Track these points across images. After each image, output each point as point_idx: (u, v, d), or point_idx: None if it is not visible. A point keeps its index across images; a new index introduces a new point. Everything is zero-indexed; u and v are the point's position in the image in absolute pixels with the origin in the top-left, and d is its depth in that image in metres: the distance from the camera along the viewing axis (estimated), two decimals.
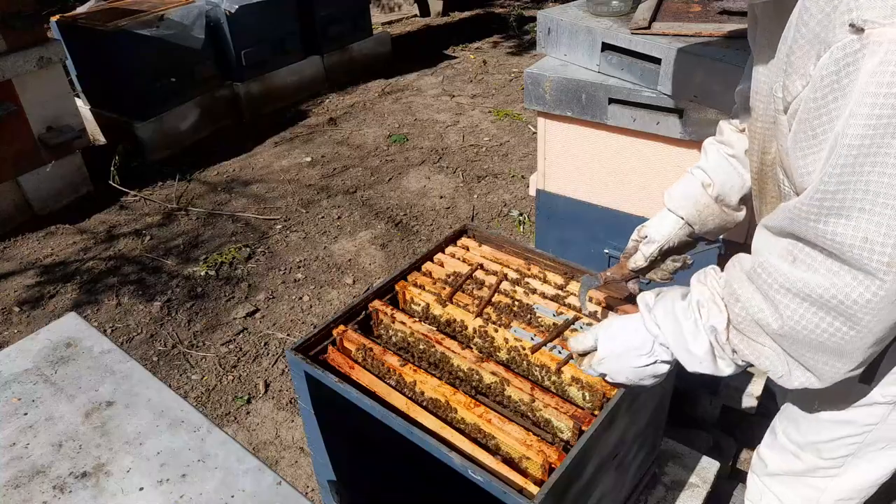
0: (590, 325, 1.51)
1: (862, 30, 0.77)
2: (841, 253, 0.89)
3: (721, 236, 1.75)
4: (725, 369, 1.13)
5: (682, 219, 1.46)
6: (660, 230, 1.47)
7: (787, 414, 1.43)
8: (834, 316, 0.93)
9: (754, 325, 1.04)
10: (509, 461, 1.26)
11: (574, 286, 1.66)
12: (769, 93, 1.10)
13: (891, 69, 0.75)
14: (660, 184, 2.05)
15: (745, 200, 1.47)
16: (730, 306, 1.08)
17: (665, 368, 1.21)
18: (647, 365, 1.20)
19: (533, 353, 1.45)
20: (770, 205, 1.25)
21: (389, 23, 7.61)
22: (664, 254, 1.49)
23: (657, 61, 1.85)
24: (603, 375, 1.29)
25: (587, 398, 1.38)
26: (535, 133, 4.17)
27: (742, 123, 1.42)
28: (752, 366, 1.12)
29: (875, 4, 0.76)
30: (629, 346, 1.21)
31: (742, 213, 1.49)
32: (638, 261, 1.48)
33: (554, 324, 1.54)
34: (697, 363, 1.14)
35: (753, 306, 1.02)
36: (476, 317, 1.56)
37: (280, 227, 3.92)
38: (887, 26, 0.75)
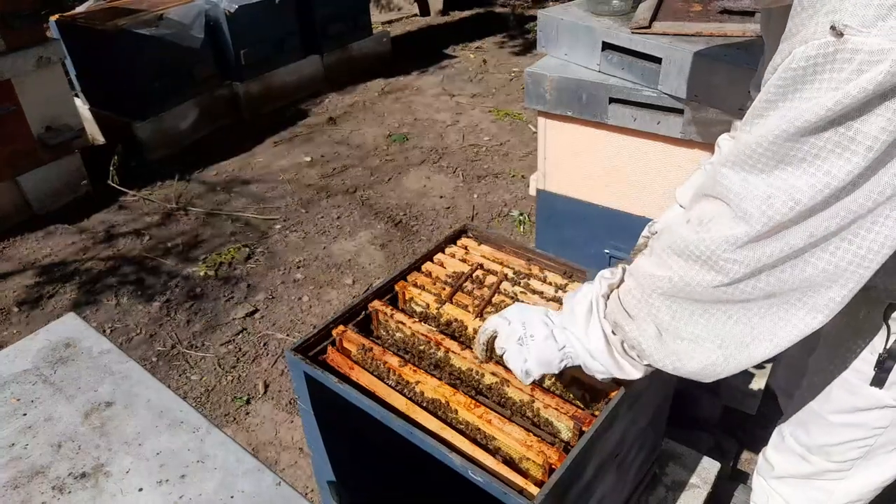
0: None
1: (841, 34, 0.79)
2: (734, 204, 0.91)
3: None
4: (594, 339, 1.14)
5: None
6: None
7: (796, 417, 1.43)
8: (707, 268, 0.95)
9: (637, 292, 1.06)
10: (509, 462, 1.26)
11: (575, 286, 1.65)
12: None
13: (869, 76, 0.77)
14: (660, 183, 2.05)
15: None
16: (626, 276, 1.11)
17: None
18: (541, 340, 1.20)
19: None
20: None
21: (389, 22, 7.61)
22: None
23: (658, 61, 1.85)
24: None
25: (588, 398, 1.38)
26: (535, 133, 4.17)
27: None
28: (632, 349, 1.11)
29: (857, 12, 0.77)
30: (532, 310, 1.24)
31: None
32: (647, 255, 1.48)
33: None
34: (571, 320, 1.16)
35: (646, 273, 1.05)
36: (476, 317, 1.56)
37: (279, 226, 3.91)
38: (866, 35, 0.76)
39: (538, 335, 1.19)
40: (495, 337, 1.28)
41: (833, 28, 0.79)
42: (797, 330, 0.96)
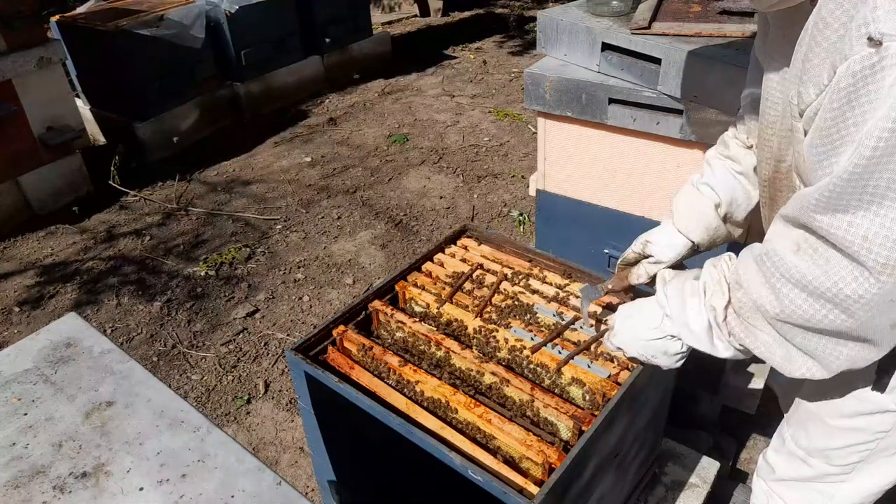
0: (591, 325, 1.51)
1: (880, 43, 0.79)
2: (843, 246, 0.91)
3: None
4: (723, 351, 1.17)
5: (693, 242, 1.45)
6: (668, 253, 1.45)
7: (796, 419, 1.43)
8: (830, 308, 0.96)
9: (754, 310, 1.07)
10: (509, 461, 1.26)
11: (575, 286, 1.66)
12: (784, 101, 1.10)
13: None
14: (660, 184, 2.05)
15: (749, 217, 1.45)
16: (733, 290, 1.12)
17: (676, 346, 1.24)
18: (657, 339, 1.24)
19: (533, 353, 1.45)
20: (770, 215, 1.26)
21: (389, 23, 7.61)
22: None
23: (657, 61, 1.85)
24: (620, 350, 1.33)
25: (587, 398, 1.38)
26: (535, 133, 4.17)
27: (750, 139, 1.40)
28: (753, 356, 1.14)
29: (892, 17, 0.77)
30: (641, 320, 1.27)
31: (742, 230, 1.48)
32: (641, 277, 1.47)
33: (554, 324, 1.54)
34: (695, 340, 1.19)
35: (755, 291, 1.05)
36: (476, 317, 1.56)
37: (280, 227, 3.92)
38: None
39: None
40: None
41: (871, 39, 0.79)
42: None
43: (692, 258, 1.49)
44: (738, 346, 1.14)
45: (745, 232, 1.49)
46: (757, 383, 2.30)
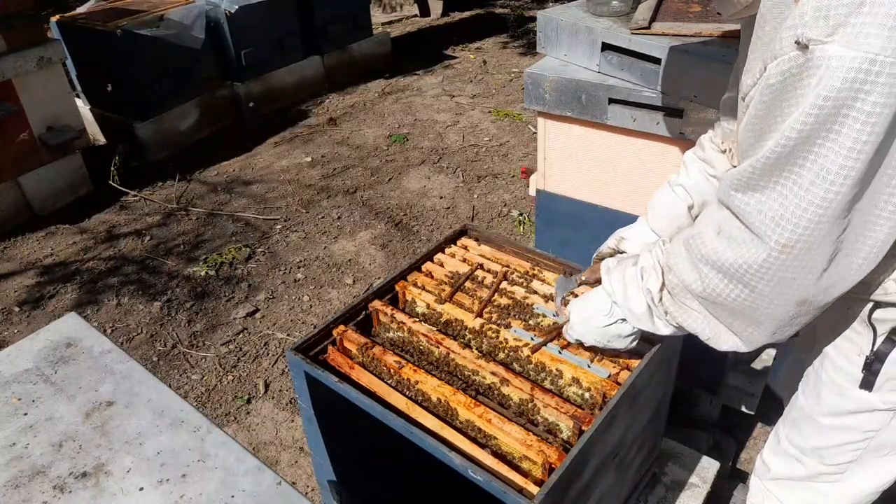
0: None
1: (806, 47, 0.84)
2: (750, 224, 1.00)
3: None
4: (664, 329, 1.25)
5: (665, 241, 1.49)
6: (640, 249, 1.48)
7: (790, 419, 1.43)
8: (735, 284, 1.05)
9: (684, 290, 1.16)
10: (509, 461, 1.26)
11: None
12: None
13: (831, 83, 0.83)
14: (660, 184, 2.05)
15: None
16: (665, 272, 1.20)
17: (627, 328, 1.30)
18: (610, 324, 1.31)
19: (533, 353, 1.45)
20: None
21: (389, 23, 7.61)
22: None
23: (657, 61, 1.85)
24: (579, 342, 1.40)
25: (587, 398, 1.38)
26: (534, 133, 4.17)
27: (725, 143, 1.42)
28: (684, 329, 1.23)
29: (818, 24, 0.83)
30: (593, 310, 1.33)
31: None
32: None
33: (554, 323, 1.54)
34: (639, 321, 1.27)
35: (683, 272, 1.15)
36: (476, 317, 1.56)
37: (280, 227, 3.92)
38: (829, 45, 0.82)
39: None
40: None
41: (797, 42, 0.85)
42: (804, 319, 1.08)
43: None
44: (674, 324, 1.22)
45: None
46: (757, 384, 2.30)
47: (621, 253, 1.55)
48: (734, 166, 1.40)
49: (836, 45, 0.81)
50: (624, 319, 1.29)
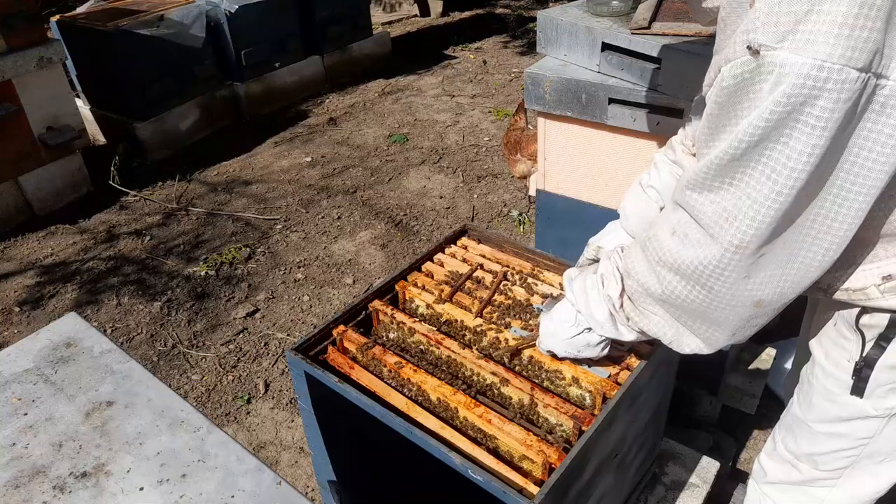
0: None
1: (758, 52, 0.86)
2: (704, 223, 1.00)
3: None
4: (627, 335, 1.25)
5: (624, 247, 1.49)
6: None
7: (786, 424, 1.43)
8: (693, 285, 1.06)
9: (644, 294, 1.16)
10: (509, 461, 1.26)
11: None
12: None
13: (783, 89, 0.84)
14: None
15: None
16: (625, 278, 1.20)
17: (595, 337, 1.30)
18: (577, 335, 1.31)
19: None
20: None
21: (389, 23, 7.61)
22: None
23: (657, 61, 1.85)
24: (551, 353, 1.40)
25: (587, 398, 1.38)
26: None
27: (695, 145, 1.42)
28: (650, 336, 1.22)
29: (768, 30, 0.84)
30: (560, 320, 1.33)
31: None
32: None
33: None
34: (602, 329, 1.26)
35: (641, 276, 1.14)
36: (476, 317, 1.56)
37: (280, 227, 3.92)
38: (779, 51, 0.84)
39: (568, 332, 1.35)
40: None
41: (749, 47, 0.87)
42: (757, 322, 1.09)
43: None
44: (637, 330, 1.22)
45: None
46: (757, 384, 2.30)
47: (595, 261, 1.54)
48: None
49: (785, 52, 0.83)
50: (590, 328, 1.29)
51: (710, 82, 1.00)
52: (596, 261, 1.54)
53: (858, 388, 1.20)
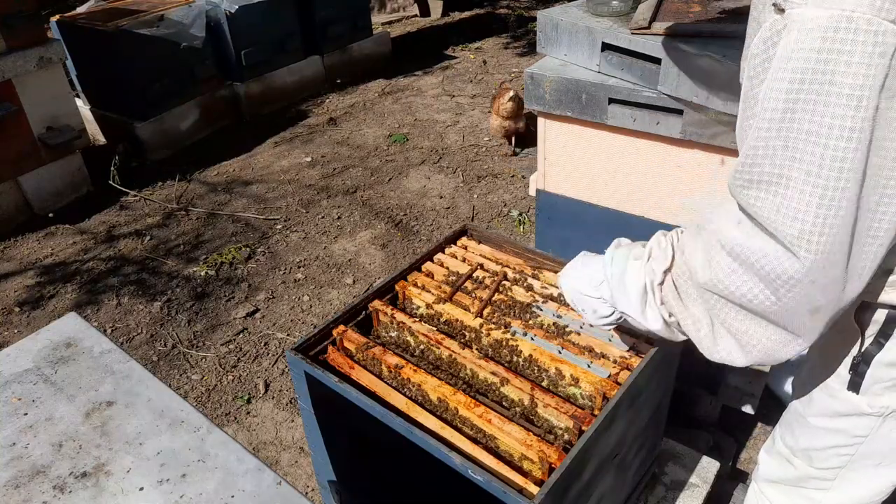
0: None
1: (783, 10, 0.83)
2: (762, 221, 0.91)
3: None
4: (652, 321, 1.15)
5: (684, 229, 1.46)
6: None
7: (786, 419, 1.43)
8: (756, 282, 0.95)
9: (689, 278, 1.06)
10: (509, 461, 1.26)
11: None
12: None
13: (802, 45, 0.80)
14: (660, 184, 2.05)
15: None
16: (676, 255, 1.11)
17: (606, 310, 1.25)
18: (591, 297, 1.26)
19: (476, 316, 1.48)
20: None
21: (389, 23, 7.61)
22: None
23: (657, 61, 1.85)
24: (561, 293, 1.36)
25: (587, 398, 1.38)
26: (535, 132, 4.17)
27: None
28: (676, 328, 1.12)
29: None
30: (586, 273, 1.28)
31: None
32: None
33: (553, 324, 1.54)
34: (627, 304, 1.17)
35: (692, 257, 1.05)
36: (476, 317, 1.56)
37: (280, 227, 3.92)
38: (804, 6, 0.80)
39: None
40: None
41: (775, 5, 0.84)
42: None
43: None
44: (667, 317, 1.13)
45: None
46: (757, 384, 2.30)
47: None
48: None
49: (811, 7, 0.79)
50: (606, 301, 1.23)
51: (744, 60, 0.93)
52: None
53: (855, 384, 1.19)
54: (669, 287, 1.11)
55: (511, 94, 4.29)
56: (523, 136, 4.64)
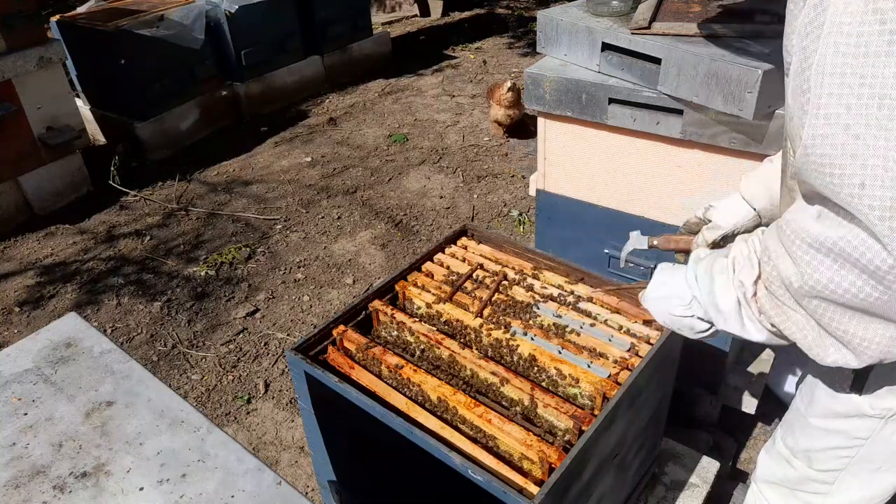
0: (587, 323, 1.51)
1: None
2: (846, 204, 0.83)
3: None
4: (755, 333, 1.08)
5: (755, 210, 1.42)
6: (728, 219, 1.44)
7: (787, 420, 1.43)
8: (858, 273, 0.85)
9: (781, 285, 0.98)
10: (509, 461, 1.26)
11: (575, 286, 1.66)
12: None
13: (852, 8, 0.76)
14: (660, 184, 2.05)
15: None
16: (763, 264, 1.03)
17: (703, 326, 1.19)
18: (685, 317, 1.20)
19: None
20: (785, 196, 1.20)
21: (389, 23, 7.61)
22: (725, 238, 1.47)
23: (657, 61, 1.85)
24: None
25: (587, 398, 1.38)
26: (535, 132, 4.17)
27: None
28: (783, 336, 1.04)
29: None
30: (672, 293, 1.21)
31: None
32: (699, 244, 1.47)
33: (553, 324, 1.54)
34: (723, 321, 1.11)
35: (780, 264, 0.97)
36: (476, 317, 1.56)
37: (280, 227, 3.92)
38: None
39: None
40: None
41: None
42: None
43: None
44: (769, 328, 1.05)
45: None
46: (757, 384, 2.30)
47: (708, 222, 1.46)
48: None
49: None
50: (703, 320, 1.17)
51: (792, 28, 0.87)
52: (704, 219, 1.46)
53: (858, 385, 1.18)
54: (765, 296, 1.03)
55: (510, 84, 4.45)
56: (520, 127, 4.72)
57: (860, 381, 1.18)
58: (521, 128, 4.76)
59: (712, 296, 1.11)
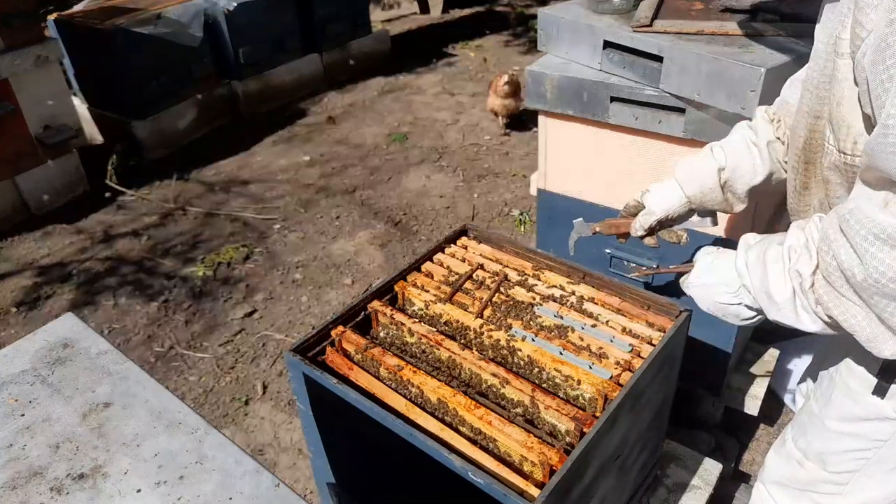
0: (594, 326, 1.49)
1: None
2: None
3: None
4: (809, 324, 1.06)
5: (686, 196, 1.48)
6: (661, 204, 1.51)
7: (799, 421, 1.41)
8: None
9: (841, 276, 0.96)
10: (510, 463, 1.25)
11: (575, 286, 1.65)
12: (828, 43, 1.04)
13: None
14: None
15: (752, 194, 1.45)
16: (821, 253, 1.01)
17: (749, 314, 1.18)
18: (731, 304, 1.19)
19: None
20: (816, 186, 1.18)
21: (389, 21, 7.60)
22: (661, 223, 1.54)
23: (659, 59, 1.84)
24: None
25: (588, 400, 1.37)
26: (535, 131, 4.16)
27: (777, 113, 1.39)
28: (839, 327, 1.03)
29: None
30: (718, 280, 1.20)
31: (742, 206, 1.48)
32: (638, 231, 1.55)
33: (554, 325, 1.52)
34: (776, 310, 1.09)
35: (841, 254, 0.95)
36: (476, 317, 1.55)
37: (278, 226, 3.90)
38: None
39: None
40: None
41: None
42: None
43: None
44: (825, 318, 1.04)
45: (751, 213, 1.48)
46: (759, 385, 2.29)
47: (642, 206, 1.53)
48: (777, 138, 1.34)
49: None
50: (750, 307, 1.16)
51: (850, 47, 0.85)
52: (640, 203, 1.52)
53: (881, 389, 1.17)
54: (823, 287, 1.01)
55: (507, 76, 4.54)
56: (518, 118, 4.78)
57: (884, 385, 1.16)
58: (520, 123, 4.79)
59: (765, 285, 1.09)
